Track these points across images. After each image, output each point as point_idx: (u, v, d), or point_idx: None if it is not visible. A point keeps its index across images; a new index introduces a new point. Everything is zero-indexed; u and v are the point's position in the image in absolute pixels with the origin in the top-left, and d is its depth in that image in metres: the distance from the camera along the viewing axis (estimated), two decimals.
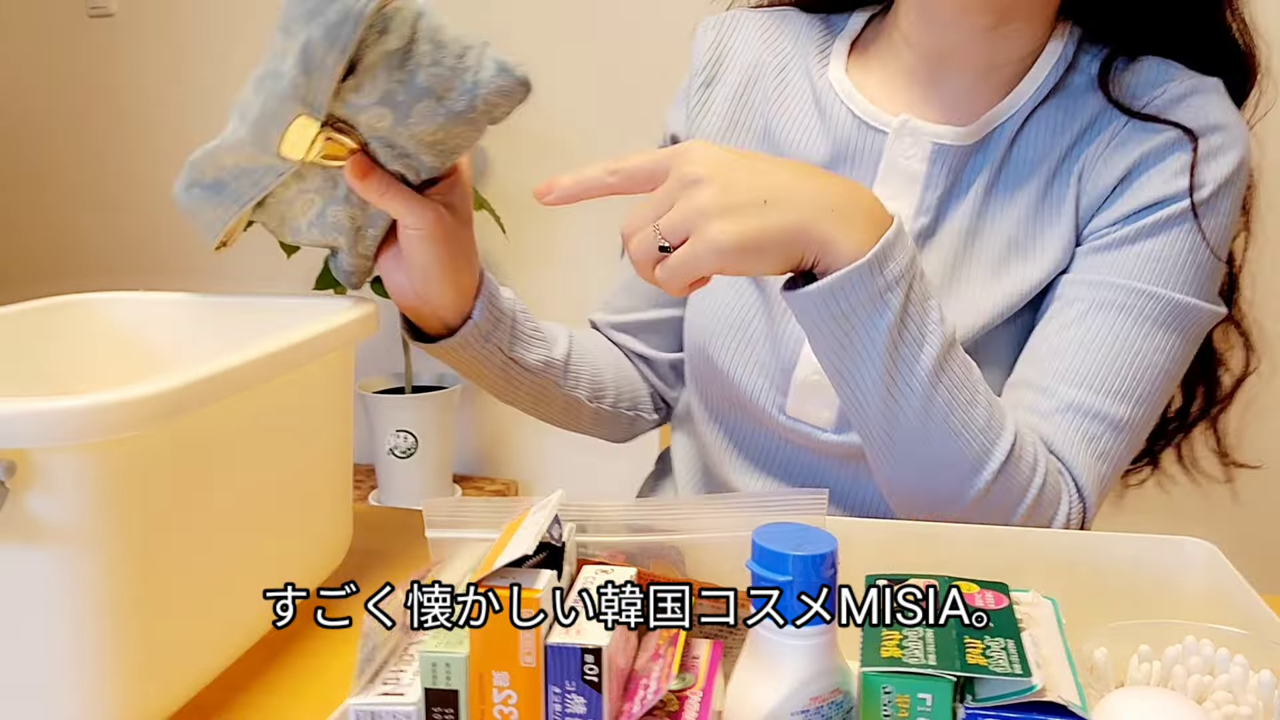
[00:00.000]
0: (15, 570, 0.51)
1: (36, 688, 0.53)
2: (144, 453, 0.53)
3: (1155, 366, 0.77)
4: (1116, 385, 0.76)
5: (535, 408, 0.89)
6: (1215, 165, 0.78)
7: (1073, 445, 0.76)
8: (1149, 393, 0.77)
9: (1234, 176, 0.78)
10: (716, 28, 0.92)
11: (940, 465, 0.69)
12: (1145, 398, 0.77)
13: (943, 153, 0.80)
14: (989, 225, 0.81)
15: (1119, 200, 0.79)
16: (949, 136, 0.80)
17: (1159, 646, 0.53)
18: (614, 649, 0.46)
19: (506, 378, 0.83)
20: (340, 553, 0.77)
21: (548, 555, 0.48)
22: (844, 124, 0.84)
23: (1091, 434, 0.76)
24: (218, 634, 0.62)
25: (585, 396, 0.89)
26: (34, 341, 0.77)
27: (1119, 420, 0.77)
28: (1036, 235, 0.80)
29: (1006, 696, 0.43)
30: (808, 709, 0.44)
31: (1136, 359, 0.76)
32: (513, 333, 0.82)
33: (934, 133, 0.81)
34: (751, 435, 0.88)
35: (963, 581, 0.51)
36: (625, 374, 0.95)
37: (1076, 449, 0.76)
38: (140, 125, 2.69)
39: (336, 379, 0.75)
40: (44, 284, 0.97)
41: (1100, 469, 0.77)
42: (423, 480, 2.35)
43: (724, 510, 0.54)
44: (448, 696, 0.46)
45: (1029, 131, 0.80)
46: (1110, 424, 0.76)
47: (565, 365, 0.87)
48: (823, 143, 0.85)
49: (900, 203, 0.81)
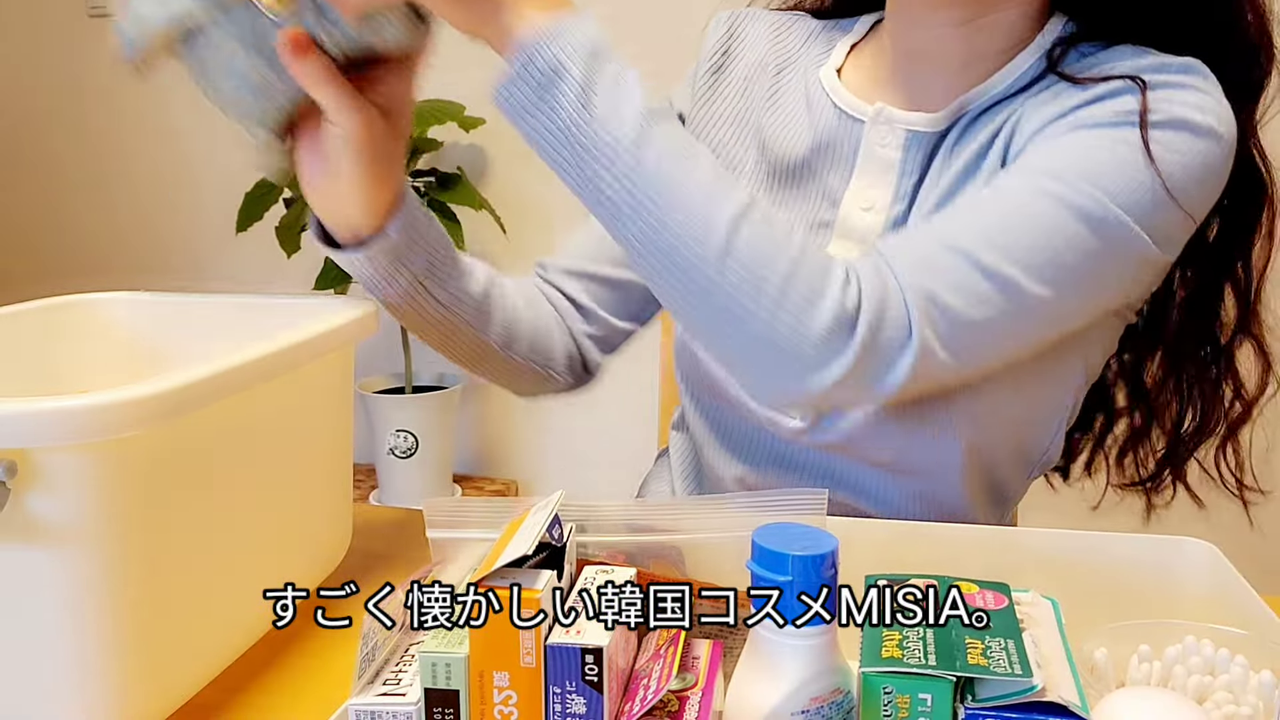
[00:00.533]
0: (16, 570, 0.51)
1: (37, 687, 0.53)
2: (144, 453, 0.53)
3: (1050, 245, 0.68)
4: (996, 239, 0.68)
5: (444, 345, 0.84)
6: (1179, 106, 0.70)
7: (909, 258, 0.68)
8: (1034, 262, 0.67)
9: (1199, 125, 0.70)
10: (730, 22, 0.93)
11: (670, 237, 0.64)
12: (1028, 266, 0.67)
13: (916, 139, 0.81)
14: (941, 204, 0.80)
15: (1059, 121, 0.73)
16: (921, 123, 0.80)
17: (1159, 647, 0.53)
18: (614, 649, 0.46)
19: (415, 306, 0.79)
20: (340, 553, 0.77)
21: (548, 555, 0.48)
22: (826, 115, 0.85)
23: (943, 262, 0.67)
24: (218, 634, 0.62)
25: (496, 342, 0.85)
26: (34, 341, 0.77)
27: (984, 264, 0.67)
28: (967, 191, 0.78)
29: (1007, 697, 0.43)
30: (808, 709, 0.44)
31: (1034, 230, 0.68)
32: (430, 261, 0.78)
33: (907, 120, 0.81)
34: (736, 427, 0.88)
35: (963, 581, 0.51)
36: (543, 326, 0.90)
37: (912, 261, 0.68)
38: (140, 125, 2.69)
39: (336, 379, 0.75)
40: (44, 284, 0.97)
41: (934, 287, 0.67)
42: (423, 480, 2.35)
43: (724, 510, 0.54)
44: (448, 696, 0.46)
45: (987, 115, 0.79)
46: (971, 261, 0.67)
47: (480, 305, 0.83)
48: (806, 135, 0.85)
49: (878, 191, 0.81)
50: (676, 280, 0.65)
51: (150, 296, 0.82)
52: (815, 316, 0.64)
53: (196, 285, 0.81)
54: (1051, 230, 0.68)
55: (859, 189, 0.82)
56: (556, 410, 2.50)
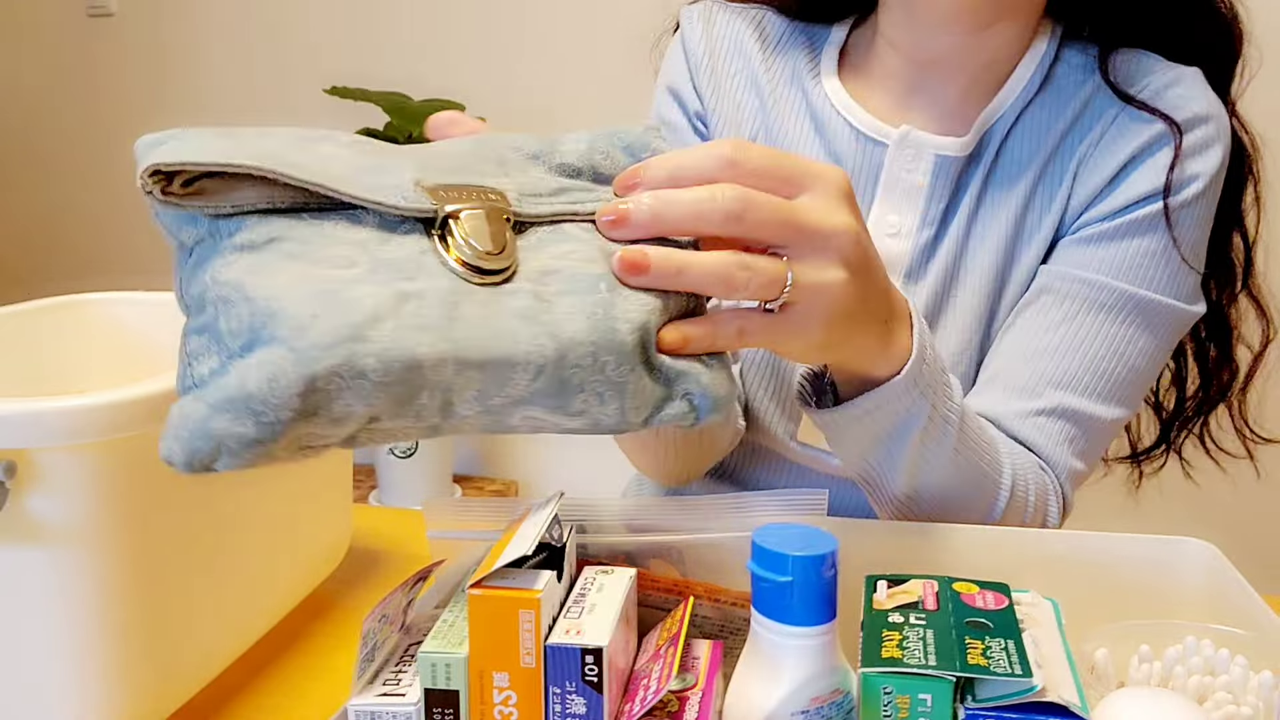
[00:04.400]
0: (15, 570, 0.51)
1: (36, 688, 0.53)
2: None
3: (1136, 370, 0.78)
4: (1100, 388, 0.77)
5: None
6: (1200, 161, 0.78)
7: (1056, 446, 0.77)
8: (1128, 395, 0.79)
9: (1216, 175, 0.79)
10: (704, 18, 0.89)
11: (956, 517, 0.70)
12: (1125, 400, 0.79)
13: (944, 163, 0.80)
14: (981, 229, 0.81)
15: (1112, 194, 0.79)
16: (951, 148, 0.80)
17: (1159, 647, 0.53)
18: (614, 649, 0.46)
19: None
20: (340, 553, 0.77)
21: (548, 555, 0.48)
22: (843, 138, 0.83)
23: (1072, 435, 0.77)
24: (217, 634, 0.62)
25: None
26: (34, 341, 0.77)
27: (1100, 422, 0.78)
28: (1027, 234, 0.80)
29: (1007, 697, 0.43)
30: (808, 709, 0.44)
31: (1120, 361, 0.78)
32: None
33: (936, 144, 0.80)
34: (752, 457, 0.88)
35: (963, 581, 0.51)
36: None
37: (1059, 450, 0.77)
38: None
39: None
40: (44, 284, 0.97)
41: (1078, 467, 0.78)
42: (423, 480, 2.35)
43: (724, 510, 0.54)
44: (448, 697, 0.45)
45: (1018, 132, 0.80)
46: (1091, 426, 0.78)
47: None
48: (819, 155, 0.84)
49: (903, 216, 0.81)
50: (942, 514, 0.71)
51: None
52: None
53: None
54: (1129, 348, 0.78)
55: (881, 214, 0.81)
56: None
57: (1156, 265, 0.78)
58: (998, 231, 0.80)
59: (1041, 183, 0.80)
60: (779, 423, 0.83)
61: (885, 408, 0.61)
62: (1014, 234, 0.80)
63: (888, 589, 0.51)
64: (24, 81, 2.75)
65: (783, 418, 0.83)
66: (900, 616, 0.48)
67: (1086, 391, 0.77)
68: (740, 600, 0.54)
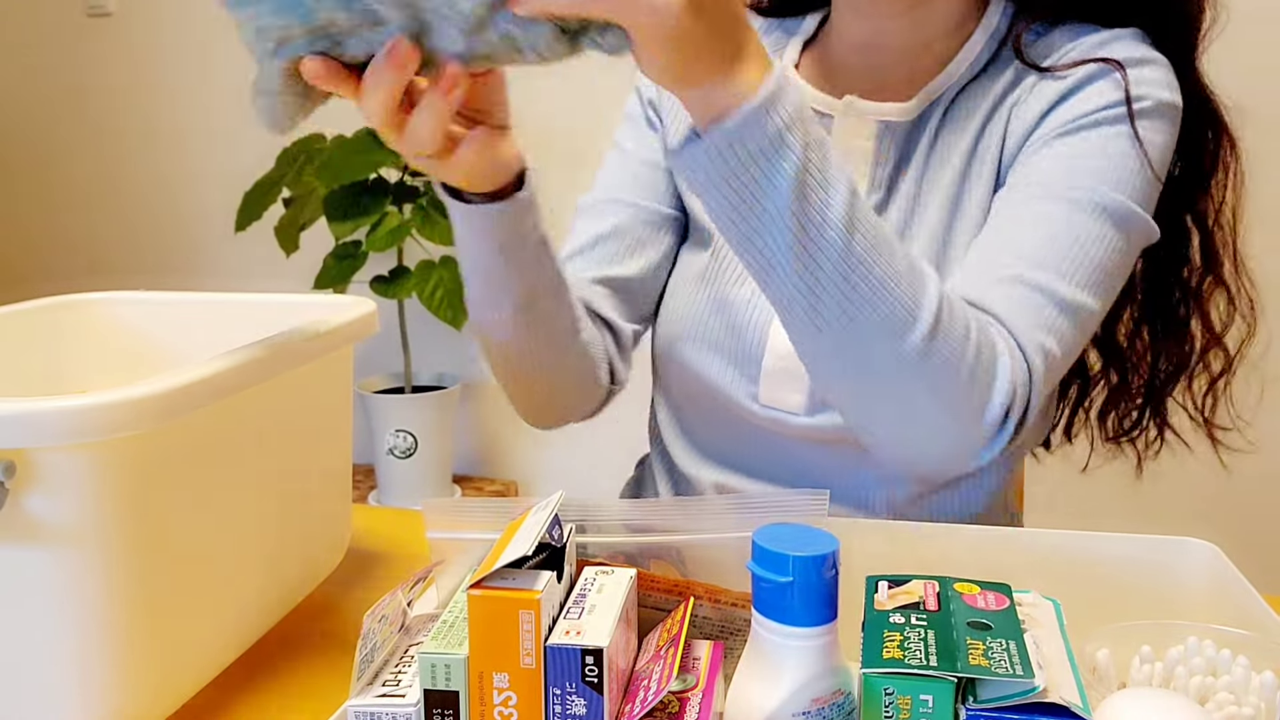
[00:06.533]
0: (15, 570, 0.51)
1: (37, 687, 0.53)
2: (144, 453, 0.53)
3: (1096, 257, 0.73)
4: (1060, 265, 0.72)
5: (543, 322, 0.80)
6: (1151, 86, 0.76)
7: (1021, 312, 0.71)
8: (1091, 280, 0.73)
9: (1170, 105, 0.76)
10: None
11: (870, 327, 0.63)
12: (1087, 284, 0.73)
13: (888, 129, 0.82)
14: (927, 192, 0.82)
15: (1049, 120, 0.78)
16: (893, 113, 0.82)
17: (1161, 647, 0.53)
18: (614, 650, 0.45)
19: (538, 267, 0.75)
20: (339, 553, 0.77)
21: (548, 556, 0.48)
22: None
23: (1039, 304, 0.71)
24: (218, 634, 0.62)
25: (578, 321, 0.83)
26: (34, 341, 0.77)
27: (1063, 298, 0.72)
28: (969, 192, 0.80)
29: (1008, 698, 0.43)
30: (809, 710, 0.44)
31: (1078, 244, 0.73)
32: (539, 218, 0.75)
33: (879, 110, 0.82)
34: (720, 430, 0.88)
35: (964, 582, 0.51)
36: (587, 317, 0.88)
37: (1024, 316, 0.71)
38: (139, 124, 2.69)
39: (336, 379, 0.75)
40: (45, 284, 0.97)
41: (1046, 341, 0.71)
42: (422, 480, 2.35)
43: (724, 510, 0.54)
44: (447, 698, 0.45)
45: (962, 99, 0.82)
46: (1054, 299, 0.72)
47: (561, 274, 0.80)
48: None
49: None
50: (861, 363, 0.64)
51: (150, 296, 0.82)
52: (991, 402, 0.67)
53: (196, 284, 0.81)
54: (1095, 242, 0.73)
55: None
56: None
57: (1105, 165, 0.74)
58: (942, 193, 0.81)
59: (980, 141, 0.81)
60: (740, 386, 0.84)
61: (740, 143, 0.58)
62: (957, 194, 0.81)
63: (889, 589, 0.51)
64: (22, 81, 2.76)
65: (743, 380, 0.84)
66: (901, 617, 0.48)
67: (1044, 264, 0.72)
68: (740, 600, 0.54)
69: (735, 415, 0.86)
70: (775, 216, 0.59)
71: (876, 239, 0.62)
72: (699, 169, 0.59)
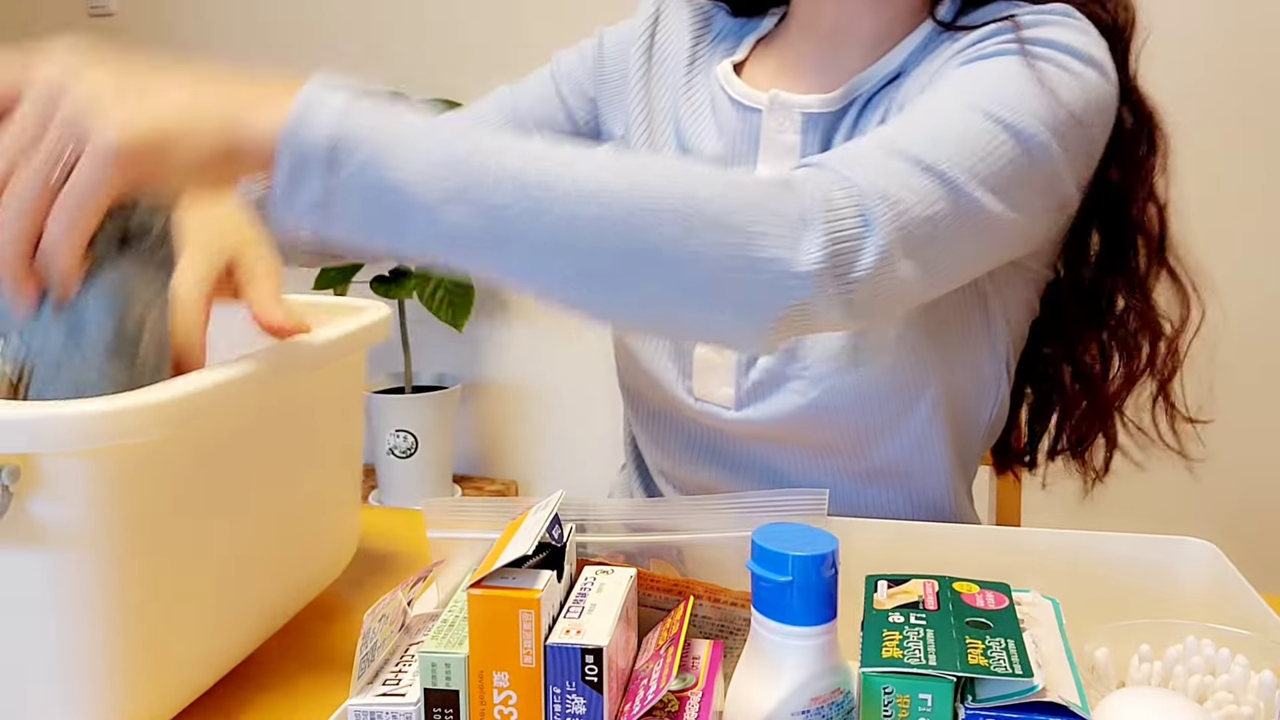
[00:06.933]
0: (19, 575, 0.51)
1: (40, 691, 0.53)
2: (149, 458, 0.53)
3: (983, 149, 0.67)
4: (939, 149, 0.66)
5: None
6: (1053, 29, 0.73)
7: (868, 169, 0.64)
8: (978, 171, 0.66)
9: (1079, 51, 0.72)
10: (656, 5, 0.94)
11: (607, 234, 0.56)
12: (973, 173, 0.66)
13: (812, 121, 0.82)
14: None
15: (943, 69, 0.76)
16: (816, 105, 0.82)
17: (1160, 646, 0.53)
18: (614, 649, 0.46)
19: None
20: (347, 557, 0.77)
21: (548, 555, 0.48)
22: (725, 110, 0.86)
23: (895, 167, 0.64)
24: (221, 638, 0.62)
25: None
26: None
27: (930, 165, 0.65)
28: None
29: (1007, 697, 0.43)
30: (808, 709, 0.44)
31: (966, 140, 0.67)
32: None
33: (802, 103, 0.82)
34: (671, 423, 0.89)
35: (963, 581, 0.51)
36: None
37: (870, 170, 0.63)
38: None
39: (348, 384, 0.74)
40: None
41: (889, 188, 0.63)
42: (422, 480, 2.35)
43: (724, 510, 0.54)
44: (448, 697, 0.45)
45: (888, 90, 0.81)
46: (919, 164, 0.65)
47: None
48: (714, 134, 0.87)
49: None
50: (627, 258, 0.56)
51: None
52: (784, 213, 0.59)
53: None
54: (980, 136, 0.67)
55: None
56: (556, 410, 2.50)
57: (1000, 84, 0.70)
58: None
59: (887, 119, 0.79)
60: (678, 381, 0.85)
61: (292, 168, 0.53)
62: None
63: (888, 589, 0.51)
64: None
65: (680, 375, 0.85)
66: (901, 616, 0.48)
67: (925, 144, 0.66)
68: (740, 600, 0.54)
69: (674, 409, 0.87)
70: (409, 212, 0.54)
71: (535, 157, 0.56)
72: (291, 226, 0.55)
